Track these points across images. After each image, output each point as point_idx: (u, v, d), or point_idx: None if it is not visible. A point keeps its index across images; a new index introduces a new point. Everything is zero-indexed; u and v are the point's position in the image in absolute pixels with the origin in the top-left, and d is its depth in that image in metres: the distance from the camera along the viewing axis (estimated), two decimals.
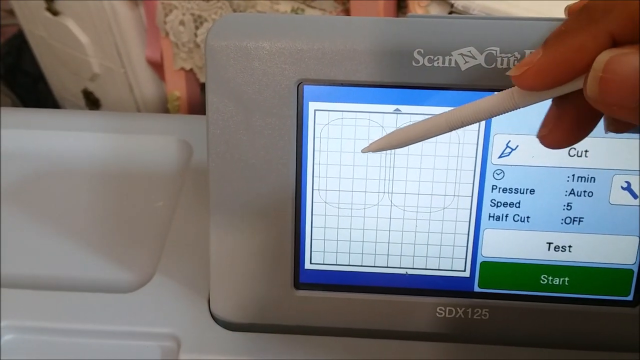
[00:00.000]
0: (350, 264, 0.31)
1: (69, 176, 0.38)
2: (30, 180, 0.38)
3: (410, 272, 0.31)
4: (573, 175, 0.29)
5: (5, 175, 0.38)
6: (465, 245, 0.30)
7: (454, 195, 0.30)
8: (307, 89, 0.28)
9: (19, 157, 0.39)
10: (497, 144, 0.29)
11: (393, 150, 0.29)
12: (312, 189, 0.30)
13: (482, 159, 0.29)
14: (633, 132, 0.28)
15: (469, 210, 0.30)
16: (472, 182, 0.29)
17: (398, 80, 0.28)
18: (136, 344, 0.30)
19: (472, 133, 0.29)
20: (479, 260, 0.30)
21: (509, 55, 0.27)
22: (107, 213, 0.36)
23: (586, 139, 0.29)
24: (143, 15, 1.11)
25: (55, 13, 1.17)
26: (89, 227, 0.35)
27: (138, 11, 1.10)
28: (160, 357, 0.29)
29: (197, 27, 1.05)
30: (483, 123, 0.29)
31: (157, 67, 1.10)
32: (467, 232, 0.30)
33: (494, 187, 0.29)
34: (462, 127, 0.22)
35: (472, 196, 0.30)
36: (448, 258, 0.30)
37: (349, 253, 0.31)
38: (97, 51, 1.16)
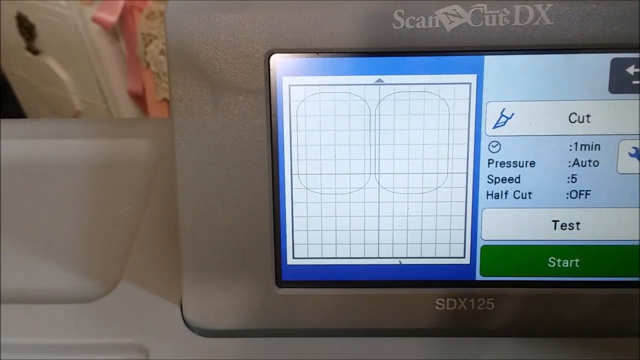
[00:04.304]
0: (338, 256, 0.28)
1: (33, 183, 0.35)
2: None
3: (404, 261, 0.28)
4: (576, 143, 0.26)
5: None
6: (463, 228, 0.27)
7: (447, 173, 0.27)
8: (280, 62, 0.26)
9: None
10: (491, 113, 0.26)
11: (378, 126, 0.27)
12: (291, 174, 0.27)
13: (475, 130, 0.27)
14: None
15: (465, 189, 0.27)
16: (466, 156, 0.27)
17: (378, 45, 0.25)
18: (99, 359, 0.26)
19: (462, 102, 0.26)
20: (479, 244, 0.27)
21: (498, 12, 0.25)
22: (72, 219, 0.33)
23: (588, 102, 0.26)
24: (124, 48, 1.10)
25: (35, 52, 1.15)
26: (52, 235, 0.32)
27: (118, 44, 1.09)
28: None
29: None
30: (474, 90, 0.26)
31: (139, 99, 1.08)
32: (464, 214, 0.27)
33: (491, 161, 0.27)
34: None
35: (467, 173, 0.27)
36: (445, 244, 0.27)
37: (336, 244, 0.28)
38: (78, 88, 1.15)
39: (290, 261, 0.28)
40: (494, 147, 0.27)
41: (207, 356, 0.26)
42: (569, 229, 0.27)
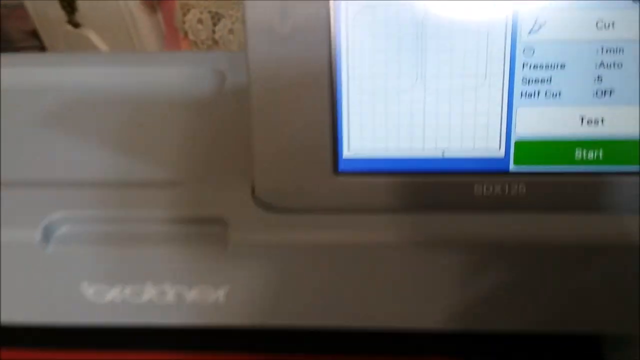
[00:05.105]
0: (388, 149, 0.31)
1: (104, 106, 0.40)
2: (74, 107, 0.40)
3: (446, 154, 0.31)
4: (602, 47, 0.30)
5: (45, 106, 0.40)
6: (499, 125, 0.31)
7: (486, 75, 0.31)
8: None
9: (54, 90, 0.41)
10: (526, 21, 0.30)
11: (424, 33, 0.30)
12: (348, 77, 0.31)
13: (511, 36, 0.30)
14: None
15: (502, 90, 0.31)
16: (502, 61, 0.30)
17: None
18: (183, 230, 0.31)
19: (501, 9, 0.30)
20: (513, 139, 0.31)
21: None
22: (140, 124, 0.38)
23: (612, 10, 0.30)
24: (161, 20, 1.14)
25: (76, 25, 1.20)
26: (131, 136, 0.37)
27: (156, 17, 1.13)
28: (208, 240, 0.30)
29: (214, 24, 1.08)
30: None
31: None
32: (500, 112, 0.31)
33: (525, 64, 0.30)
34: None
35: (503, 75, 0.30)
36: (482, 138, 0.31)
37: (386, 138, 0.31)
38: None
39: (346, 154, 0.32)
40: (528, 51, 0.30)
41: (276, 228, 0.31)
42: (595, 124, 0.31)
